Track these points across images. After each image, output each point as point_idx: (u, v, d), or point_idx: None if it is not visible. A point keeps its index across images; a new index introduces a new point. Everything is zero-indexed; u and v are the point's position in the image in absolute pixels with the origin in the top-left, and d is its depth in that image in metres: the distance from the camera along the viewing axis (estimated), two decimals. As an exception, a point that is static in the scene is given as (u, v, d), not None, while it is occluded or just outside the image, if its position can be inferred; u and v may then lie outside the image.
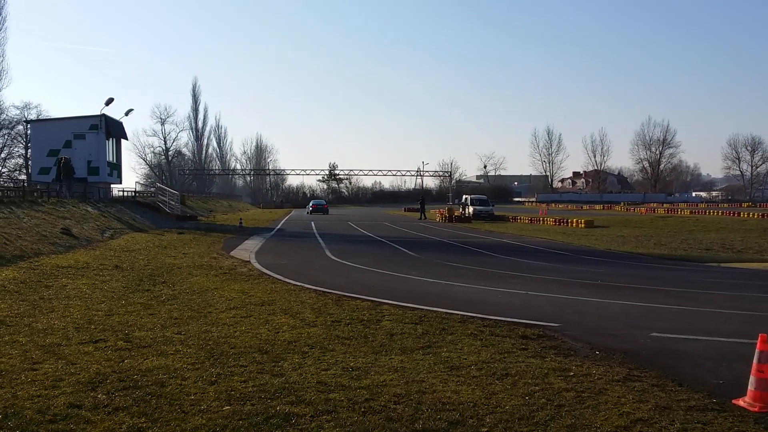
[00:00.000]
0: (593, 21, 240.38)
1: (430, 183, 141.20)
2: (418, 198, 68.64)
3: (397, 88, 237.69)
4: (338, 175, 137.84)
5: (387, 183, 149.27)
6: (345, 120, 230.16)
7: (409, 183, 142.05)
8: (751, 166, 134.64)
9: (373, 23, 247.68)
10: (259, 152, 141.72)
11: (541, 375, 6.79)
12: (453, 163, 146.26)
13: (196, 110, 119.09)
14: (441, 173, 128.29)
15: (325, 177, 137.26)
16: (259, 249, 24.14)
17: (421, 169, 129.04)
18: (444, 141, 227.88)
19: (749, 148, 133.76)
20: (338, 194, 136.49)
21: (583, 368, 7.09)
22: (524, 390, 6.26)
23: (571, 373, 6.86)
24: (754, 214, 51.48)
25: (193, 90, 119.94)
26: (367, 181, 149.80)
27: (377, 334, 8.90)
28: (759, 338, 5.93)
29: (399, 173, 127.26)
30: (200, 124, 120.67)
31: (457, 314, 10.29)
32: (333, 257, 21.14)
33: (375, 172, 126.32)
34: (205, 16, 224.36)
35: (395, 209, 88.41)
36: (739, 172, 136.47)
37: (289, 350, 7.93)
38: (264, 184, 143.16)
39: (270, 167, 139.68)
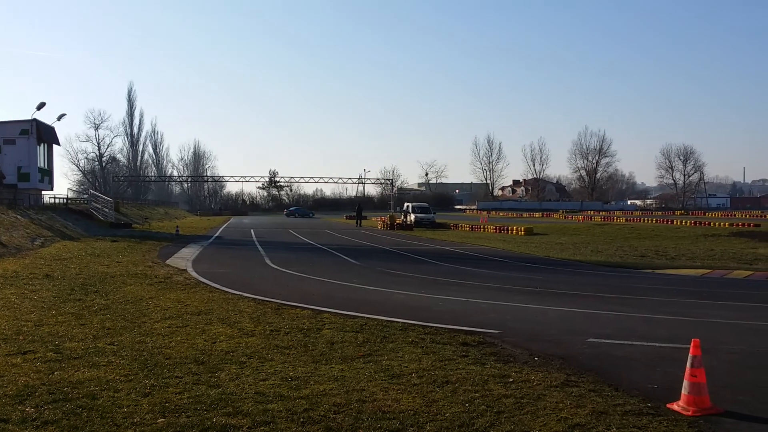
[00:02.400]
0: (532, 30, 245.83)
1: (372, 190, 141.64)
2: (356, 206, 68.81)
3: (339, 95, 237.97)
4: (279, 182, 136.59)
5: (328, 190, 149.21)
6: (286, 126, 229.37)
7: (351, 190, 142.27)
8: (684, 175, 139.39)
9: (313, 30, 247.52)
10: (197, 158, 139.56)
11: (481, 382, 6.80)
12: (395, 171, 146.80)
13: (131, 115, 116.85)
14: (383, 181, 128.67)
15: (265, 184, 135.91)
16: (197, 257, 23.72)
17: (363, 177, 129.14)
18: (386, 148, 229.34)
19: (682, 157, 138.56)
20: (278, 201, 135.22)
21: (522, 374, 7.13)
22: (464, 397, 6.25)
23: (511, 380, 6.89)
24: (686, 222, 53.20)
25: (129, 95, 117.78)
26: (309, 189, 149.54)
27: (317, 343, 8.79)
28: (692, 343, 6.06)
29: (340, 180, 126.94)
30: (136, 130, 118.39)
31: (399, 322, 10.25)
32: (273, 265, 20.90)
33: (316, 180, 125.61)
34: (142, 19, 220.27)
35: (337, 217, 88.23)
36: (672, 181, 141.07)
37: (227, 360, 7.76)
38: (202, 191, 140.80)
39: (208, 174, 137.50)
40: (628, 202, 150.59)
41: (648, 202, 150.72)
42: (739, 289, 16.51)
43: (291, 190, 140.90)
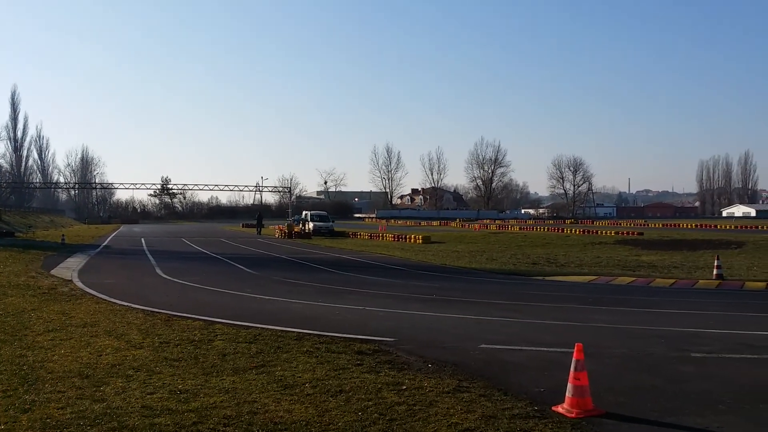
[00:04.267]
0: (428, 40, 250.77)
1: (270, 198, 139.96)
2: (256, 214, 67.94)
3: (236, 101, 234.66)
4: (171, 189, 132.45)
5: (224, 198, 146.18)
6: (180, 132, 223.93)
7: (248, 198, 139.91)
8: (574, 185, 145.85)
9: (207, 34, 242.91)
10: (85, 165, 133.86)
11: (375, 390, 6.80)
12: (293, 179, 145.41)
13: (15, 119, 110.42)
14: (281, 189, 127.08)
15: (158, 191, 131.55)
16: (83, 267, 22.75)
17: (261, 185, 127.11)
18: (284, 156, 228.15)
19: (572, 168, 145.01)
20: (171, 209, 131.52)
21: (415, 381, 7.18)
22: (358, 406, 6.23)
23: (404, 387, 6.93)
24: (575, 231, 55.41)
25: (12, 98, 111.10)
26: (203, 196, 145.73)
27: (209, 354, 8.56)
28: (575, 347, 6.29)
29: (237, 188, 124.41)
30: (20, 135, 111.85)
31: (294, 332, 10.13)
32: (164, 275, 20.27)
33: (211, 187, 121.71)
34: (26, 21, 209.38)
35: (233, 225, 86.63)
36: (563, 191, 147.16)
37: (113, 374, 7.46)
38: (90, 198, 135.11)
39: (97, 181, 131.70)
40: (522, 211, 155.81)
41: (540, 211, 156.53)
42: (622, 294, 17.31)
43: (184, 198, 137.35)
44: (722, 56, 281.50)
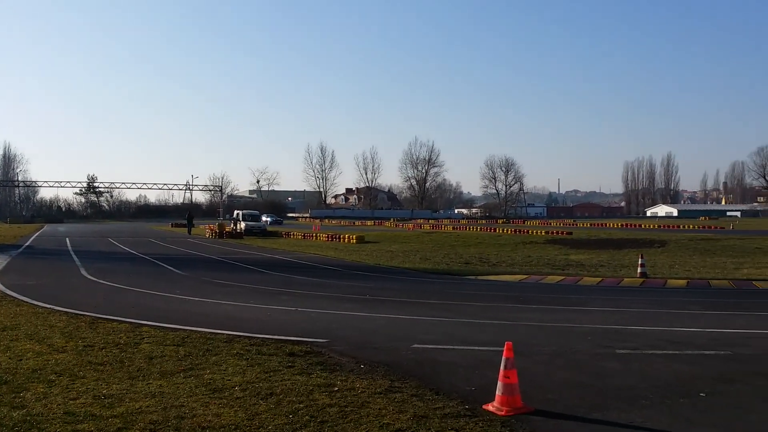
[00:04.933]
0: (362, 40, 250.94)
1: (201, 198, 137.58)
2: (186, 213, 66.76)
3: (165, 96, 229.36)
4: (98, 187, 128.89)
5: (153, 197, 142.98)
6: (106, 129, 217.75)
7: (178, 197, 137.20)
8: (506, 186, 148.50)
9: (137, 23, 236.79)
10: (7, 162, 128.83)
11: (306, 392, 6.72)
12: (224, 178, 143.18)
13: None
14: (212, 187, 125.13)
15: (83, 189, 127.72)
16: (3, 268, 21.93)
17: (191, 183, 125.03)
18: (215, 155, 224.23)
19: (504, 168, 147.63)
20: (98, 208, 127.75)
21: (347, 383, 7.14)
22: (288, 408, 6.15)
23: (336, 388, 6.88)
24: (507, 230, 56.42)
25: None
26: (131, 195, 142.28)
27: (135, 358, 8.32)
28: (505, 346, 6.37)
29: (166, 187, 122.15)
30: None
31: (224, 334, 9.95)
32: (89, 276, 19.64)
33: (140, 185, 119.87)
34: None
35: (162, 224, 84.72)
36: (495, 191, 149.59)
37: (33, 379, 7.20)
38: (12, 197, 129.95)
39: (19, 178, 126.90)
40: (456, 211, 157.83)
41: (473, 210, 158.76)
42: (551, 293, 17.71)
43: (111, 196, 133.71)
44: (643, 60, 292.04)
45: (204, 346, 9.05)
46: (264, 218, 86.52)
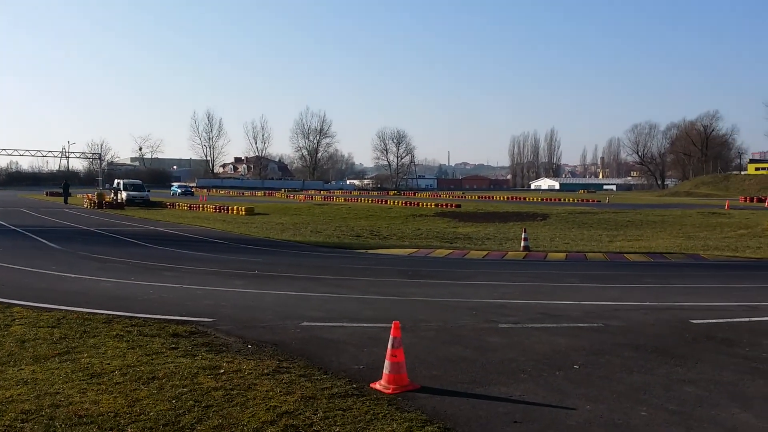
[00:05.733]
0: (254, 6, 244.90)
1: (78, 165, 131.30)
2: (62, 182, 63.53)
3: (35, 56, 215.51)
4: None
5: (26, 164, 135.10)
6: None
7: (53, 164, 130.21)
8: (397, 157, 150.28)
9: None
10: None
11: (191, 375, 6.52)
12: (104, 145, 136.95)
13: None
14: (90, 155, 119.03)
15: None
16: None
17: (67, 150, 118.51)
18: (94, 120, 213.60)
19: (395, 140, 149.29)
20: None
21: (234, 364, 6.98)
22: (171, 393, 5.95)
23: (222, 371, 6.71)
24: (398, 203, 57.09)
25: None
26: (1, 162, 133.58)
27: (4, 341, 7.81)
28: (393, 325, 6.41)
29: (40, 153, 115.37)
30: None
31: (103, 314, 9.50)
32: (-46, 251, 18.29)
33: (10, 152, 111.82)
34: None
35: (36, 193, 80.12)
36: (387, 163, 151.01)
37: None
38: None
39: None
40: (348, 182, 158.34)
41: (365, 182, 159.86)
42: (439, 267, 18.07)
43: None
44: (531, 38, 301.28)
45: (81, 327, 8.60)
46: (175, 188, 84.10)
